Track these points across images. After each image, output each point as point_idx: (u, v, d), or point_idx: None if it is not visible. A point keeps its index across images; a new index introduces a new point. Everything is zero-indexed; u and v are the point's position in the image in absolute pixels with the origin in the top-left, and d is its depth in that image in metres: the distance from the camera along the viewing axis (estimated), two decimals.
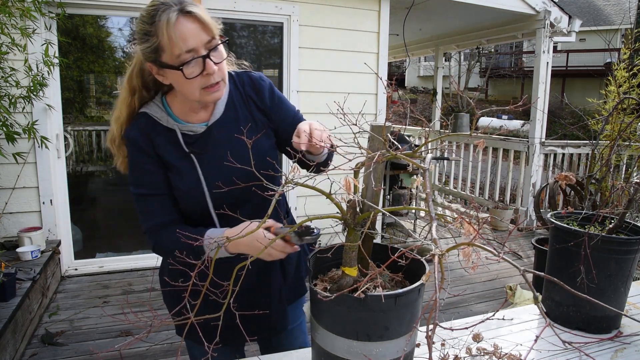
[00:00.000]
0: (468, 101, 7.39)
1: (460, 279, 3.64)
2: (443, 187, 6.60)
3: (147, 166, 1.07)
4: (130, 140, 1.07)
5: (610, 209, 1.31)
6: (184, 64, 0.96)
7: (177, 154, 1.08)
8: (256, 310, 1.20)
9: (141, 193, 1.09)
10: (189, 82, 0.98)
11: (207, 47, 0.98)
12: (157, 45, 0.96)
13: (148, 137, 1.07)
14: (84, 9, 3.43)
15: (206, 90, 1.01)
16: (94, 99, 5.60)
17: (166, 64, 0.98)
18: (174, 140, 1.08)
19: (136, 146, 1.07)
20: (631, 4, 16.26)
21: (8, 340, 2.23)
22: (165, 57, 0.97)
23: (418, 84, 21.37)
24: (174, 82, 1.02)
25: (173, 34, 0.93)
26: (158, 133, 1.08)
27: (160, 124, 1.08)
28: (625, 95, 2.84)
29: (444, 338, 1.09)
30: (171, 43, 0.94)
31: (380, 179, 0.87)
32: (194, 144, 1.09)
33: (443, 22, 5.98)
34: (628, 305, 1.32)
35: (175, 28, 0.93)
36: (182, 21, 0.94)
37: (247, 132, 1.14)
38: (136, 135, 1.07)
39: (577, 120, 12.98)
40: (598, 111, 4.25)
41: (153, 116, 1.09)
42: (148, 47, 0.97)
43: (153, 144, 1.07)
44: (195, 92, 1.01)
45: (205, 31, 0.97)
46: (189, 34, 0.94)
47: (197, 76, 0.98)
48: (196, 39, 0.96)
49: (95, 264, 3.72)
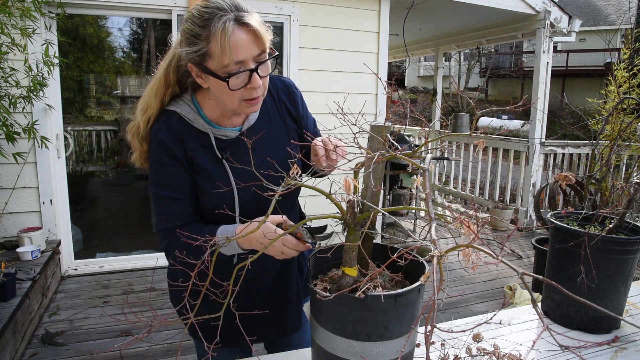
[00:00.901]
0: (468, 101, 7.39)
1: (460, 279, 3.64)
2: (443, 187, 6.60)
3: (171, 169, 1.03)
4: (157, 140, 1.03)
5: (610, 209, 1.31)
6: (231, 75, 0.92)
7: (209, 159, 1.05)
8: (272, 311, 1.21)
9: (162, 194, 1.05)
10: (229, 93, 0.95)
11: (256, 60, 0.94)
12: (205, 51, 0.92)
13: (179, 139, 1.03)
14: (84, 9, 3.43)
15: (246, 102, 0.98)
16: (94, 99, 5.60)
17: (211, 72, 0.93)
18: (207, 144, 1.05)
19: (163, 147, 1.02)
20: (631, 4, 16.26)
21: (8, 340, 2.23)
22: (212, 64, 0.93)
23: (418, 84, 21.37)
24: (214, 88, 0.98)
25: (226, 45, 0.89)
26: (191, 136, 1.04)
27: (193, 127, 1.04)
28: (625, 95, 2.84)
29: (444, 338, 1.09)
30: (223, 53, 0.90)
31: (380, 179, 0.87)
32: (226, 149, 1.07)
33: (443, 22, 5.98)
34: (628, 305, 1.32)
35: (229, 39, 0.89)
36: (237, 32, 0.90)
37: (279, 138, 1.14)
38: (165, 135, 1.02)
39: (577, 120, 12.98)
40: (598, 111, 4.25)
41: (185, 117, 1.04)
42: (195, 50, 0.93)
43: (185, 147, 1.03)
44: (234, 102, 0.97)
45: (257, 44, 0.93)
46: (241, 45, 0.90)
47: (241, 88, 0.94)
48: (247, 51, 0.91)
49: (95, 264, 3.72)
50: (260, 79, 0.96)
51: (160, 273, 3.70)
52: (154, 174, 1.05)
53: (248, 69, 0.93)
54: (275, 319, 1.25)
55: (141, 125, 1.06)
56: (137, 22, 4.74)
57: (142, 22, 4.60)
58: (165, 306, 3.08)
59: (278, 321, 1.26)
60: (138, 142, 1.08)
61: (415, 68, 21.24)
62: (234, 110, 1.02)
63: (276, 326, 1.26)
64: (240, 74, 0.92)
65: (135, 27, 4.90)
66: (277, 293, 1.24)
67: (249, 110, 1.01)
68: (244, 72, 0.92)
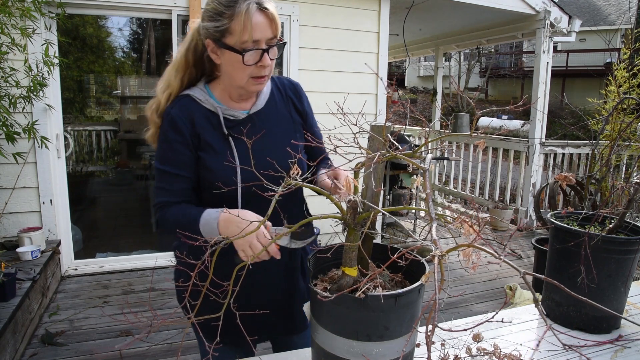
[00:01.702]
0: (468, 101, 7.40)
1: (460, 279, 3.64)
2: (443, 187, 6.60)
3: (177, 145, 1.10)
4: (169, 117, 1.11)
5: (610, 209, 1.31)
6: (246, 50, 1.03)
7: (215, 135, 1.12)
8: (278, 311, 1.22)
9: (164, 170, 1.11)
10: (242, 68, 1.05)
11: (268, 43, 1.05)
12: (226, 27, 1.03)
13: (189, 116, 1.11)
14: (84, 9, 3.43)
15: (254, 79, 1.08)
16: (94, 99, 5.60)
17: (228, 46, 1.04)
18: (215, 122, 1.13)
19: (173, 123, 1.10)
20: (631, 4, 16.26)
21: (8, 340, 2.23)
22: (230, 40, 1.03)
23: (418, 84, 21.37)
24: (226, 63, 1.08)
25: (248, 23, 1.01)
26: (200, 115, 1.12)
27: (203, 106, 1.13)
28: (625, 95, 2.84)
29: (444, 338, 1.09)
30: (243, 30, 1.01)
31: (380, 179, 0.87)
32: (233, 129, 1.14)
33: (443, 22, 5.98)
34: (628, 305, 1.32)
35: (251, 19, 1.01)
36: (257, 14, 1.02)
37: (285, 128, 1.21)
38: (176, 112, 1.10)
39: (577, 120, 12.98)
40: (598, 111, 4.25)
41: (196, 98, 1.13)
42: (216, 26, 1.04)
43: (193, 123, 1.11)
44: (244, 78, 1.07)
45: (271, 28, 1.05)
46: (259, 26, 1.02)
47: (252, 65, 1.05)
48: (263, 32, 1.03)
49: (95, 264, 3.72)
50: (270, 61, 1.07)
51: (160, 273, 3.70)
52: (160, 150, 1.12)
53: (261, 48, 1.04)
54: (281, 318, 1.25)
55: (162, 102, 1.15)
56: (137, 22, 4.74)
57: (142, 22, 4.60)
58: (165, 306, 3.09)
59: (284, 321, 1.26)
60: (157, 118, 1.15)
61: (415, 68, 21.24)
62: (242, 86, 1.09)
63: (282, 326, 1.27)
64: (254, 51, 1.03)
65: (135, 27, 4.90)
66: (283, 292, 1.24)
67: (255, 88, 1.10)
68: (257, 50, 1.04)
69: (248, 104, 1.18)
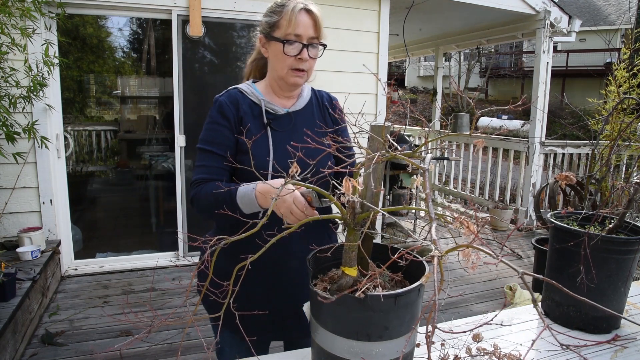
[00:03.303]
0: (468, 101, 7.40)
1: (460, 279, 3.64)
2: (443, 187, 6.60)
3: (221, 128, 1.22)
4: (217, 103, 1.25)
5: (610, 209, 1.31)
6: (288, 41, 1.18)
7: (256, 123, 1.24)
8: (291, 311, 1.24)
9: (206, 149, 1.22)
10: (283, 58, 1.20)
11: (309, 41, 1.20)
12: (275, 21, 1.20)
13: (235, 103, 1.24)
14: (84, 9, 3.43)
15: (292, 71, 1.21)
16: (94, 99, 5.59)
17: (274, 37, 1.20)
18: (257, 112, 1.26)
19: (220, 108, 1.24)
20: (631, 4, 16.26)
21: (8, 340, 2.23)
22: (277, 33, 1.20)
23: (418, 84, 21.36)
24: (271, 55, 1.24)
25: (293, 18, 1.17)
26: (245, 103, 1.26)
27: (248, 97, 1.27)
28: (625, 95, 2.84)
29: (444, 338, 1.09)
30: (288, 24, 1.17)
31: (380, 180, 0.87)
32: (272, 122, 1.25)
33: (443, 22, 5.98)
34: (628, 305, 1.32)
35: (296, 15, 1.18)
36: (303, 13, 1.19)
37: (317, 132, 1.28)
38: (224, 100, 1.25)
39: (577, 120, 12.98)
40: (598, 111, 4.25)
41: (244, 91, 1.28)
42: (268, 21, 1.22)
43: (238, 109, 1.24)
44: (284, 68, 1.21)
45: (314, 29, 1.20)
46: (302, 23, 1.18)
47: (292, 56, 1.19)
48: (306, 30, 1.19)
49: (95, 264, 3.72)
50: (309, 57, 1.21)
51: (160, 273, 3.70)
52: (205, 132, 1.25)
53: (301, 42, 1.19)
54: (294, 319, 1.26)
55: (252, 70, 1.39)
56: (137, 22, 4.74)
57: (142, 22, 4.60)
58: (165, 306, 3.09)
59: (296, 322, 1.27)
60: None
61: (415, 68, 21.24)
62: (282, 76, 1.23)
63: (295, 327, 1.28)
64: (294, 43, 1.19)
65: (135, 27, 4.90)
66: (296, 293, 1.25)
67: (293, 80, 1.23)
68: (298, 44, 1.19)
69: (289, 102, 1.31)
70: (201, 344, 2.53)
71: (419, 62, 20.75)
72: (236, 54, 3.99)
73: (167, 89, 4.36)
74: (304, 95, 1.34)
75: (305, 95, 1.34)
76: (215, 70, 3.95)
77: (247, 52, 4.02)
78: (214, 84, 3.95)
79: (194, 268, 0.78)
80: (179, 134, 3.67)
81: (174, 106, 3.67)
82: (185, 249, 3.88)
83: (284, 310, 1.25)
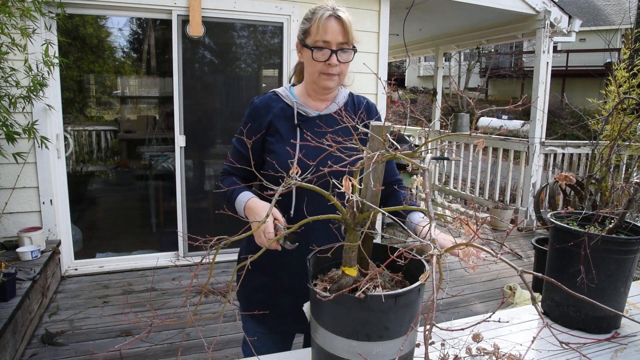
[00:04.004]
0: (468, 101, 7.39)
1: (460, 279, 3.64)
2: (443, 187, 6.60)
3: (251, 130, 1.31)
4: (252, 105, 1.35)
5: (610, 209, 1.31)
6: (316, 47, 1.24)
7: (286, 125, 1.31)
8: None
9: (235, 146, 1.36)
10: (313, 64, 1.26)
11: (338, 46, 1.24)
12: (307, 28, 1.26)
13: (268, 107, 1.33)
14: (84, 9, 3.43)
15: (323, 75, 1.26)
16: (94, 99, 5.60)
17: (306, 44, 1.26)
18: (289, 114, 1.33)
19: (254, 110, 1.34)
20: (631, 4, 16.25)
21: (8, 340, 2.23)
22: (308, 40, 1.26)
23: (418, 84, 21.36)
24: (305, 60, 1.30)
25: (320, 25, 1.23)
26: (278, 106, 1.33)
27: (282, 100, 1.35)
28: (625, 95, 2.84)
29: (444, 338, 1.09)
30: (317, 31, 1.23)
31: (380, 179, 0.87)
32: (302, 123, 1.32)
33: (443, 22, 5.98)
34: (628, 305, 1.32)
35: (324, 22, 1.23)
36: (331, 19, 1.24)
37: (348, 137, 1.30)
38: (259, 102, 1.34)
39: (577, 120, 12.98)
40: (598, 111, 4.25)
41: (280, 94, 1.36)
42: (302, 28, 1.29)
43: (271, 113, 1.32)
44: (315, 72, 1.27)
45: (343, 34, 1.24)
46: (330, 30, 1.23)
47: (321, 62, 1.24)
48: (334, 36, 1.23)
49: (95, 264, 3.72)
50: (338, 62, 1.25)
51: (160, 273, 3.70)
52: (239, 130, 1.35)
53: (330, 48, 1.23)
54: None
55: (296, 73, 1.46)
56: (137, 22, 4.74)
57: (142, 22, 4.60)
58: (165, 306, 3.09)
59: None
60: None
61: (415, 68, 21.23)
62: (314, 80, 1.29)
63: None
64: (323, 50, 1.24)
65: (135, 27, 4.90)
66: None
67: (325, 84, 1.28)
68: (326, 50, 1.24)
69: (322, 105, 1.36)
70: (201, 344, 2.53)
71: (419, 62, 20.74)
72: (236, 54, 3.99)
73: (167, 89, 4.36)
74: (338, 99, 1.39)
75: (339, 100, 1.39)
76: (215, 70, 3.95)
77: (247, 52, 4.02)
78: (214, 84, 3.95)
79: (194, 268, 0.79)
80: (179, 134, 3.67)
81: (174, 106, 3.67)
82: (185, 249, 3.88)
83: (306, 300, 1.28)
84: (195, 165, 3.92)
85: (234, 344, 2.58)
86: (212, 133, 3.98)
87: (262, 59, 4.09)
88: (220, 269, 3.66)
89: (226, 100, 4.04)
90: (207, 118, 3.94)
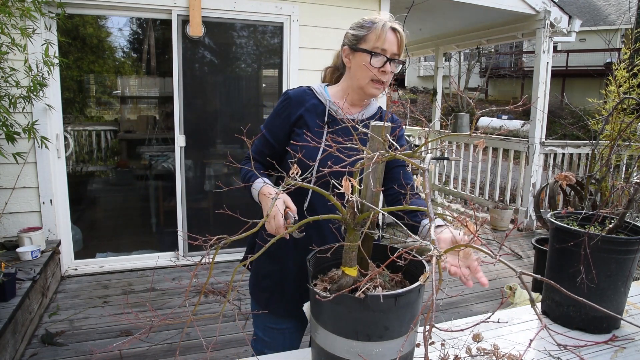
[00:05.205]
0: (468, 101, 7.39)
1: (459, 279, 3.64)
2: (443, 187, 6.60)
3: (279, 119, 1.35)
4: (285, 95, 1.37)
5: (610, 209, 1.31)
6: (375, 53, 1.27)
7: (315, 121, 1.34)
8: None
9: (262, 131, 1.39)
10: (366, 69, 1.27)
11: (392, 56, 1.29)
12: (364, 35, 1.29)
13: (301, 100, 1.35)
14: (84, 9, 3.43)
15: (372, 82, 1.29)
16: (94, 99, 5.59)
17: (361, 49, 1.28)
18: (320, 111, 1.35)
19: (286, 100, 1.36)
20: (631, 4, 16.25)
21: (8, 340, 2.23)
22: (364, 45, 1.29)
23: (418, 84, 21.36)
24: (355, 65, 1.31)
25: (382, 35, 1.27)
26: (310, 101, 1.36)
27: (316, 96, 1.37)
28: (625, 95, 2.84)
29: (444, 338, 1.09)
30: (377, 38, 1.27)
31: (380, 179, 0.87)
32: (331, 122, 1.34)
33: (443, 22, 5.98)
34: (628, 305, 1.32)
35: (386, 32, 1.28)
36: (391, 32, 1.28)
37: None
38: (292, 94, 1.36)
39: (577, 120, 12.97)
40: (598, 111, 4.25)
41: (314, 90, 1.39)
42: (356, 35, 1.31)
43: (302, 106, 1.34)
44: (365, 78, 1.29)
45: (397, 47, 1.29)
46: (389, 40, 1.27)
47: (376, 68, 1.27)
48: (391, 46, 1.28)
49: (95, 264, 3.72)
50: (390, 71, 1.29)
51: (160, 273, 3.70)
52: (269, 117, 1.40)
53: (386, 56, 1.27)
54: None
55: (327, 75, 1.53)
56: (137, 22, 4.74)
57: (142, 22, 4.60)
58: (165, 306, 3.09)
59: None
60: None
61: (415, 68, 21.23)
62: (362, 86, 1.31)
63: None
64: (380, 56, 1.27)
65: (135, 27, 4.89)
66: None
67: (372, 91, 1.31)
68: (383, 57, 1.27)
69: (354, 110, 1.38)
70: (201, 344, 2.53)
71: (419, 62, 20.75)
72: (236, 54, 3.99)
73: (167, 89, 4.36)
74: (370, 108, 1.41)
75: (370, 110, 1.42)
76: (215, 70, 3.95)
77: (247, 52, 4.02)
78: (214, 84, 3.95)
79: (193, 268, 0.79)
80: (179, 134, 3.67)
81: (174, 106, 3.67)
82: (186, 249, 3.88)
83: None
84: (195, 165, 3.92)
85: (234, 344, 2.58)
86: (212, 133, 3.98)
87: (262, 59, 4.09)
88: (220, 269, 3.66)
89: (226, 100, 4.04)
90: (207, 118, 3.94)
